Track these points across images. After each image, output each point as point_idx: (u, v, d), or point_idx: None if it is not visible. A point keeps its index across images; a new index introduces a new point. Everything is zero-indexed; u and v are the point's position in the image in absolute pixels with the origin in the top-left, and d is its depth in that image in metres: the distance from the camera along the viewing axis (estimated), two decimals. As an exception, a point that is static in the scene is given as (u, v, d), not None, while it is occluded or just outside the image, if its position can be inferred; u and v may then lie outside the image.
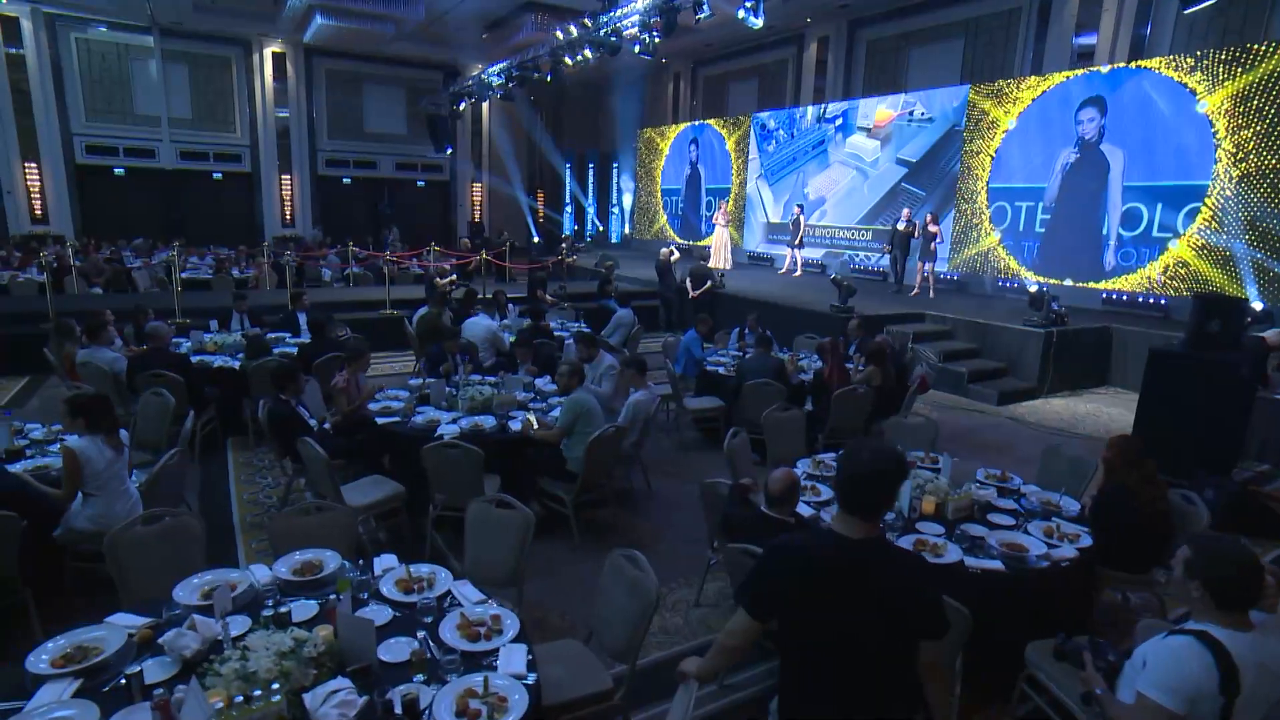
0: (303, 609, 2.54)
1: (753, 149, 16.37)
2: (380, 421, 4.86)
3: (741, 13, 9.50)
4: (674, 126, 19.23)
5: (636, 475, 5.48)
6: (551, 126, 22.26)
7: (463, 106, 18.84)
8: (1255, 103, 8.67)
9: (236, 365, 6.42)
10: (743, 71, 18.19)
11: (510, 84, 15.09)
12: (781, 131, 15.53)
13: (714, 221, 15.41)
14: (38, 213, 16.49)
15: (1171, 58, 9.54)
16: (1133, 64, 10.02)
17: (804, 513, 3.50)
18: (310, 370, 5.89)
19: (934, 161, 12.62)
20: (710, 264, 13.68)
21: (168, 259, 12.38)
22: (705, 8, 9.76)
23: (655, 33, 10.66)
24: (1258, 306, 8.33)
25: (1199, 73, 9.13)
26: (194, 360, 6.42)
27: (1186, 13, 8.31)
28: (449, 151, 20.07)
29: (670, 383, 6.76)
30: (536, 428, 4.72)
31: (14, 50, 15.64)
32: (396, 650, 2.31)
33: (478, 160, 21.75)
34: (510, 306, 9.22)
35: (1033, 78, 11.14)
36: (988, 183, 11.68)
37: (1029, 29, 12.18)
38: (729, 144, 17.10)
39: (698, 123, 18.43)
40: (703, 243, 16.97)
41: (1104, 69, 10.28)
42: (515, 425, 4.81)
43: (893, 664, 1.92)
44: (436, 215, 21.77)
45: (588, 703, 2.59)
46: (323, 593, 2.67)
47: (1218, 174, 9.08)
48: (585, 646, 2.90)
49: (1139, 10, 10.54)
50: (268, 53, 18.28)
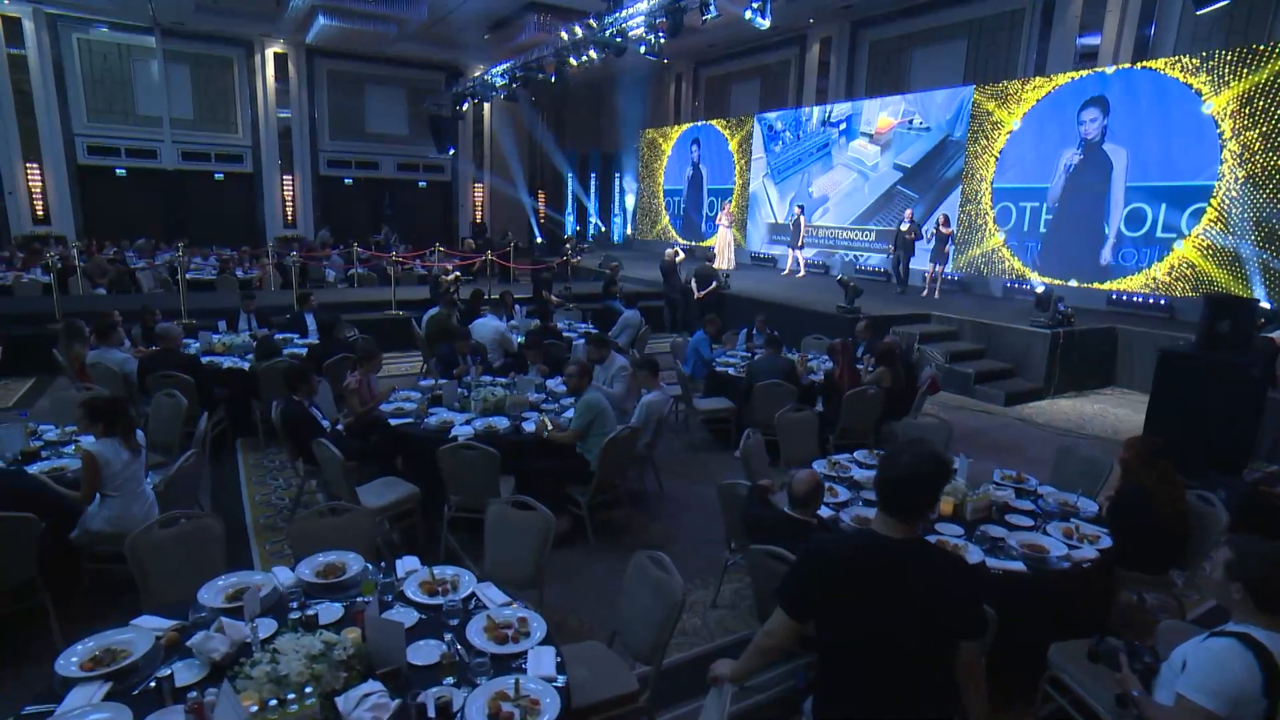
0: (327, 611, 2.53)
1: (757, 149, 16.38)
2: (393, 423, 4.84)
3: (749, 13, 9.50)
4: (676, 127, 19.23)
5: (649, 476, 5.47)
6: (553, 127, 22.24)
7: (465, 107, 18.84)
8: (1261, 104, 8.69)
9: (246, 366, 6.40)
10: (745, 72, 18.19)
11: (514, 85, 15.09)
12: (788, 133, 15.57)
13: (718, 222, 15.40)
14: (39, 213, 16.45)
15: (1177, 58, 9.56)
16: (1138, 65, 10.03)
17: (824, 514, 3.50)
18: (321, 371, 5.87)
19: (928, 168, 12.85)
20: (714, 264, 13.67)
21: (172, 259, 12.34)
22: (712, 8, 9.76)
23: (661, 33, 10.65)
24: (1266, 307, 8.33)
25: (1204, 74, 9.14)
26: (203, 361, 6.40)
27: (1199, 14, 8.25)
28: (451, 152, 20.07)
29: (680, 383, 6.76)
30: (551, 429, 4.71)
31: (16, 50, 15.60)
32: (425, 653, 2.30)
33: (479, 161, 21.73)
34: (517, 307, 9.20)
35: (1038, 78, 11.14)
36: (992, 183, 11.71)
37: (1033, 30, 12.19)
38: (731, 144, 17.11)
39: (700, 123, 18.45)
40: (706, 243, 16.97)
41: (1109, 70, 10.29)
42: (529, 426, 4.79)
43: (930, 665, 1.92)
44: (438, 216, 21.76)
45: (614, 705, 2.59)
46: (346, 595, 2.66)
47: (1223, 174, 9.09)
48: (609, 649, 2.89)
49: (1143, 10, 10.55)
50: (269, 53, 18.25)
